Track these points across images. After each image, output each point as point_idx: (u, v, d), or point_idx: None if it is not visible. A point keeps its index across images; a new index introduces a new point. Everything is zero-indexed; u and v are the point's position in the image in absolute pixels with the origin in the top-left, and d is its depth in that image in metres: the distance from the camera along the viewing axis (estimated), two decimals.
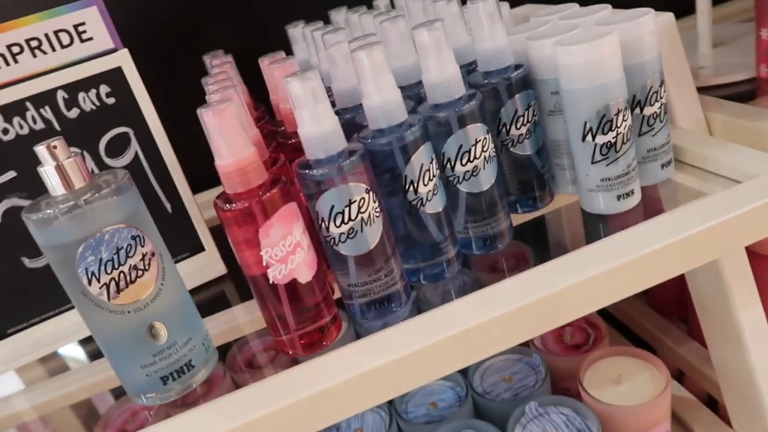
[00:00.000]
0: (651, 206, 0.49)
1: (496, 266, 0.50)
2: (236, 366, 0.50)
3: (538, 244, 0.52)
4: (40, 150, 0.36)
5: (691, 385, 0.74)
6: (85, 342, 0.56)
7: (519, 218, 0.52)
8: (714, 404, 0.70)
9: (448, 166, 0.45)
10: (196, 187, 0.61)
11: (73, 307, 0.55)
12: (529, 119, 0.48)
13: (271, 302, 0.41)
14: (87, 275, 0.37)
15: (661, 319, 0.83)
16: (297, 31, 0.65)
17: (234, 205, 0.38)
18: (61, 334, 0.55)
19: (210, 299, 0.56)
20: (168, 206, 0.56)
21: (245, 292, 0.57)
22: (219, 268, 0.59)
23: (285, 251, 0.39)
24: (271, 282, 0.40)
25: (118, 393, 0.51)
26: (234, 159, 0.37)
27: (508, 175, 0.51)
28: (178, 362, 0.41)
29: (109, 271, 0.38)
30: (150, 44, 0.71)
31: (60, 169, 0.37)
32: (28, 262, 0.53)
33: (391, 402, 0.67)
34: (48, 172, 0.37)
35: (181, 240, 0.57)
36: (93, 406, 0.55)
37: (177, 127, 0.58)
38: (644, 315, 0.85)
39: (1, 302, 0.53)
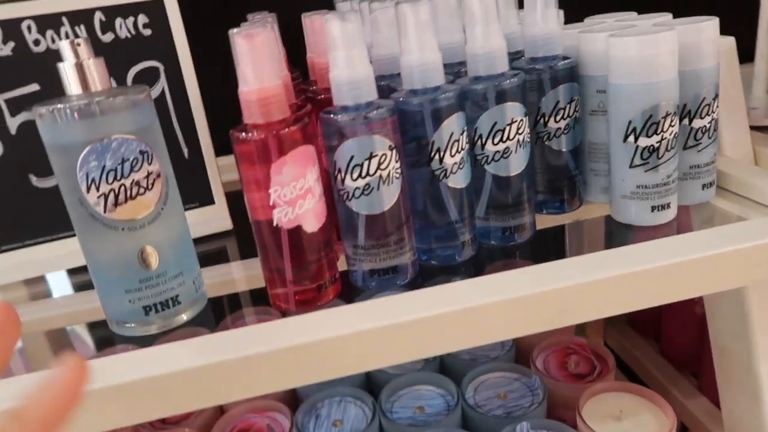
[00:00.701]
0: (684, 226, 0.46)
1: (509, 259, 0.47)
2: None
3: (556, 248, 0.49)
4: (63, 45, 0.35)
5: None
6: (76, 272, 0.54)
7: (542, 220, 0.49)
8: None
9: (479, 143, 0.43)
10: (218, 151, 0.60)
11: (70, 236, 0.54)
12: (570, 114, 0.46)
13: (272, 251, 0.39)
14: (87, 181, 0.36)
15: (672, 369, 0.79)
16: (345, 5, 0.64)
17: (250, 135, 0.36)
18: (54, 261, 0.53)
19: (210, 252, 0.54)
20: (185, 151, 0.55)
21: (247, 252, 0.55)
22: (225, 224, 0.57)
23: (295, 194, 0.37)
24: (275, 224, 0.38)
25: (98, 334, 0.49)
26: (258, 86, 0.36)
27: (538, 171, 0.48)
28: (164, 294, 0.39)
29: (110, 181, 0.36)
30: None
31: (79, 68, 0.35)
32: (35, 180, 0.52)
33: (376, 398, 0.64)
34: (66, 69, 0.35)
35: (192, 188, 0.55)
36: (68, 338, 0.53)
37: (207, 79, 0.57)
38: (654, 363, 0.81)
39: (1, 215, 0.51)
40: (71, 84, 0.36)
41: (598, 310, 0.38)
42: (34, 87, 0.49)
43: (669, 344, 0.82)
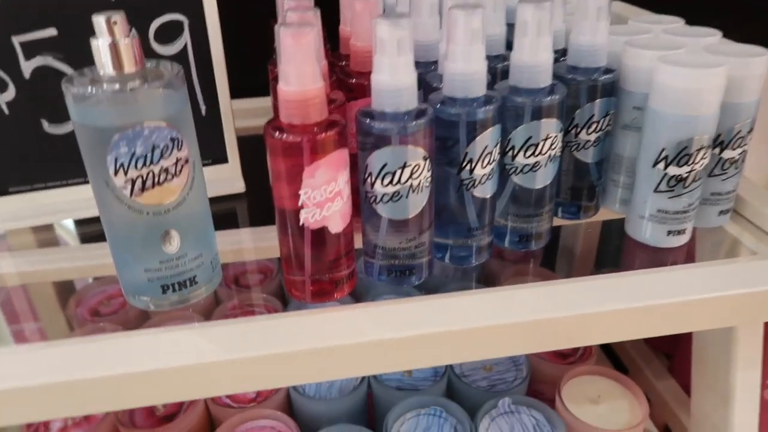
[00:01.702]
0: (693, 250, 0.47)
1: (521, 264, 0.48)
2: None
3: (566, 256, 0.50)
4: (99, 21, 0.33)
5: (653, 417, 0.75)
6: (82, 223, 0.54)
7: (556, 221, 0.49)
8: None
9: (510, 153, 0.42)
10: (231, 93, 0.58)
11: (80, 183, 0.53)
12: (602, 127, 0.46)
13: (294, 241, 0.39)
14: (115, 165, 0.35)
15: (647, 348, 0.83)
16: None
17: (286, 135, 0.35)
18: (62, 207, 0.53)
19: (219, 214, 0.54)
20: (203, 108, 0.53)
21: (256, 217, 0.55)
22: (237, 185, 0.56)
23: (324, 197, 0.37)
24: (300, 224, 0.38)
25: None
26: (300, 88, 0.34)
27: (561, 176, 0.48)
28: (183, 275, 0.40)
29: (138, 167, 0.35)
30: None
31: (114, 48, 0.34)
32: (47, 126, 0.50)
33: None
34: (101, 47, 0.34)
35: (206, 146, 0.54)
36: (72, 286, 0.54)
37: (231, 29, 0.54)
38: (631, 340, 0.85)
39: (10, 158, 0.50)
40: (104, 64, 0.34)
41: (593, 338, 0.40)
42: (52, 32, 0.47)
43: None
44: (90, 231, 0.53)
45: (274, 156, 0.37)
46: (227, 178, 0.56)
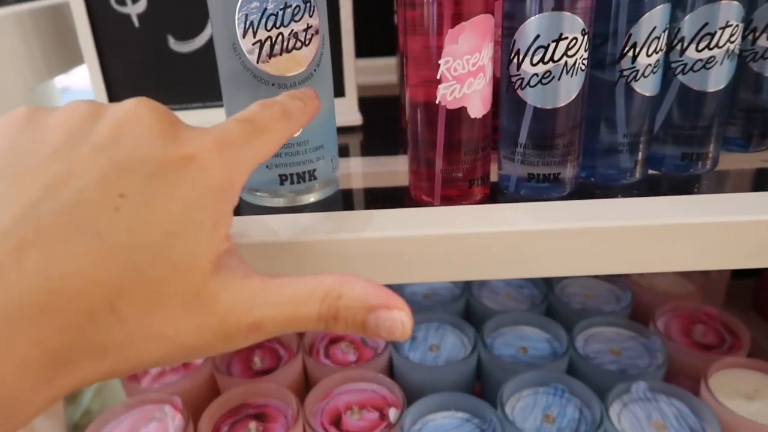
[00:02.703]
0: None
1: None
2: None
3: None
4: None
5: None
6: None
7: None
8: None
9: (678, 47, 0.36)
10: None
11: (200, 107, 0.52)
12: None
13: (425, 133, 0.35)
14: (245, 24, 0.32)
15: None
16: None
17: None
18: None
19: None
20: None
21: (368, 149, 0.52)
22: (354, 118, 0.53)
23: (467, 69, 0.33)
24: (437, 101, 0.33)
25: None
26: None
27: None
28: (303, 165, 0.36)
29: (268, 28, 0.33)
30: None
31: None
32: (172, 43, 0.50)
33: (478, 330, 0.60)
34: None
35: None
36: None
37: None
38: None
39: (136, 74, 0.50)
40: None
41: None
42: None
43: None
44: None
45: (411, 27, 0.33)
46: (343, 111, 0.53)
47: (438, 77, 0.33)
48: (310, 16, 0.34)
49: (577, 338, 0.60)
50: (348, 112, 0.53)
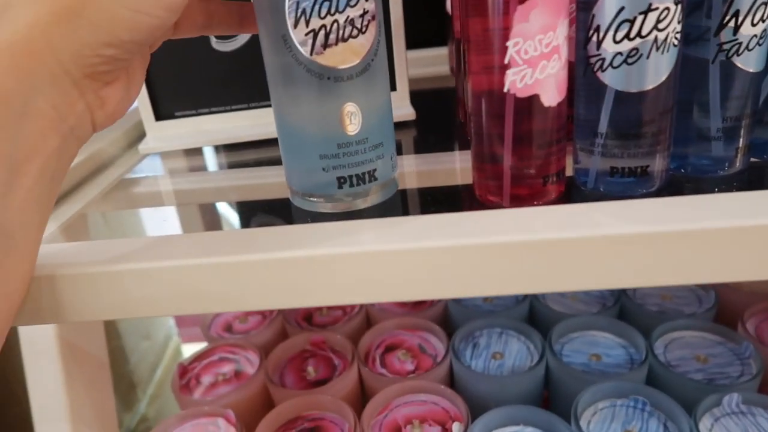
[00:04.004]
0: None
1: None
2: None
3: None
4: None
5: None
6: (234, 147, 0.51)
7: None
8: None
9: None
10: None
11: (242, 109, 0.50)
12: None
13: (491, 125, 0.32)
14: (296, 12, 0.30)
15: None
16: None
17: None
18: (222, 134, 0.50)
19: None
20: None
21: (423, 146, 0.49)
22: (407, 113, 0.50)
23: (539, 51, 0.29)
24: (505, 90, 0.30)
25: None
26: None
27: None
28: (363, 166, 0.33)
29: (323, 15, 0.30)
30: None
31: None
32: (214, 42, 0.48)
33: (544, 335, 0.56)
34: None
35: None
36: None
37: None
38: None
39: (181, 82, 0.49)
40: None
41: None
42: None
43: None
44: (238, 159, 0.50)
45: (473, 6, 0.30)
46: (397, 105, 0.50)
47: (506, 62, 0.29)
48: (366, 0, 0.31)
49: (656, 344, 0.55)
50: (400, 106, 0.50)
